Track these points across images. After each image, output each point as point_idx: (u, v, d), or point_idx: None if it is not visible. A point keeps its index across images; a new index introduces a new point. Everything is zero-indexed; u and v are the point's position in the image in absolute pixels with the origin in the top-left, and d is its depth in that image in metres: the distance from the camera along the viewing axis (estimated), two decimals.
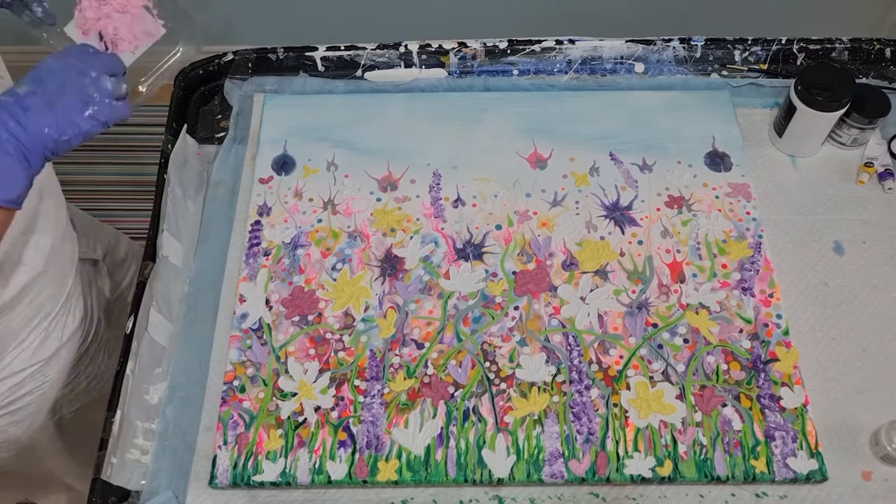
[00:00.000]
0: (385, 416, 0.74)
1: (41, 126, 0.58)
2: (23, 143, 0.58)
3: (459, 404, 0.74)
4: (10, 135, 0.58)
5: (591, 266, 0.83)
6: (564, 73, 0.97)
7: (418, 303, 0.80)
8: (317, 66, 0.99)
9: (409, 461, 0.72)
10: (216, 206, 0.89)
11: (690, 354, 0.77)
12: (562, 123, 0.93)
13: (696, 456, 0.72)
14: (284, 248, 0.84)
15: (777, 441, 0.72)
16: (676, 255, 0.83)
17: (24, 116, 0.58)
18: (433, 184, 0.89)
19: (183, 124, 0.95)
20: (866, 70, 0.97)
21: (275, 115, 0.94)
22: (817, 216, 0.87)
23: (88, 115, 0.61)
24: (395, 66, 0.98)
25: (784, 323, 0.79)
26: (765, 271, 0.82)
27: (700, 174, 0.89)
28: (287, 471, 0.71)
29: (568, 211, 0.87)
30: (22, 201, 0.59)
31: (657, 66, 0.97)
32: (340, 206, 0.87)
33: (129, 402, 0.76)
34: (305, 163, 0.91)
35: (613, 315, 0.79)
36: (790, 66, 0.97)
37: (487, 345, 0.78)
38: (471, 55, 0.97)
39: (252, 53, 0.98)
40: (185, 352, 0.80)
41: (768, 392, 0.75)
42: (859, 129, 0.89)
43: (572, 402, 0.74)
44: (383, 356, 0.77)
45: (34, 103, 0.59)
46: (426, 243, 0.84)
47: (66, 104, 0.60)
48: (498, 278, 0.82)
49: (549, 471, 0.71)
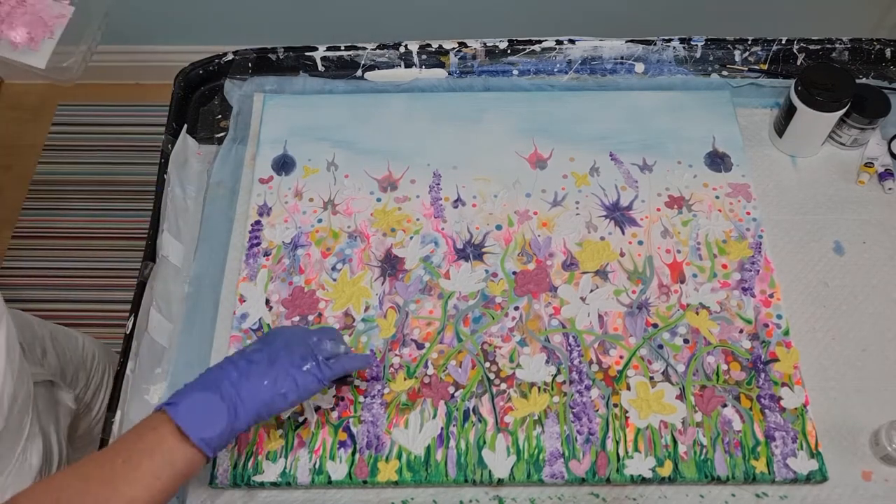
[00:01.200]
0: (385, 416, 0.74)
1: (261, 378, 0.63)
2: (240, 394, 0.62)
3: (459, 404, 0.74)
4: (229, 384, 0.62)
5: (592, 266, 0.83)
6: (564, 73, 0.97)
7: (418, 303, 0.80)
8: (317, 66, 0.99)
9: (409, 461, 0.72)
10: (216, 206, 0.89)
11: (690, 355, 0.77)
12: (562, 123, 0.93)
13: (697, 456, 0.72)
14: (284, 248, 0.84)
15: (777, 441, 0.72)
16: (677, 256, 0.83)
17: (248, 369, 0.63)
18: (433, 184, 0.89)
19: (183, 124, 0.95)
20: (866, 70, 0.97)
21: (275, 115, 0.94)
22: (817, 216, 0.87)
23: (306, 369, 0.65)
24: (395, 66, 0.98)
25: (784, 323, 0.79)
26: (765, 271, 0.82)
27: (700, 174, 0.89)
28: (287, 471, 0.71)
29: (568, 211, 0.87)
30: (214, 450, 0.61)
31: (657, 67, 0.97)
32: (340, 206, 0.87)
33: (129, 402, 0.76)
34: (305, 163, 0.91)
35: (614, 315, 0.79)
36: (790, 67, 0.97)
37: (487, 345, 0.78)
38: (471, 55, 0.97)
39: (252, 53, 0.98)
40: (185, 352, 0.80)
41: (768, 392, 0.75)
42: (859, 130, 0.89)
43: (572, 402, 0.74)
44: (383, 356, 0.77)
45: (258, 359, 0.64)
46: (426, 243, 0.84)
47: (285, 360, 0.64)
48: (498, 278, 0.82)
49: (549, 471, 0.71)
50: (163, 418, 0.60)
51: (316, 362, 0.65)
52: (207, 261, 0.85)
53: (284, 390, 0.63)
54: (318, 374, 0.65)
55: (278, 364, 0.64)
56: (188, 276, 0.85)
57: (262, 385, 0.62)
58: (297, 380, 0.64)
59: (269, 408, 0.63)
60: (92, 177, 1.82)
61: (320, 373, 0.65)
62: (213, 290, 0.83)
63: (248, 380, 0.62)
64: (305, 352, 0.65)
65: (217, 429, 0.60)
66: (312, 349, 0.66)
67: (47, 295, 1.67)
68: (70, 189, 1.81)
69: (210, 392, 0.61)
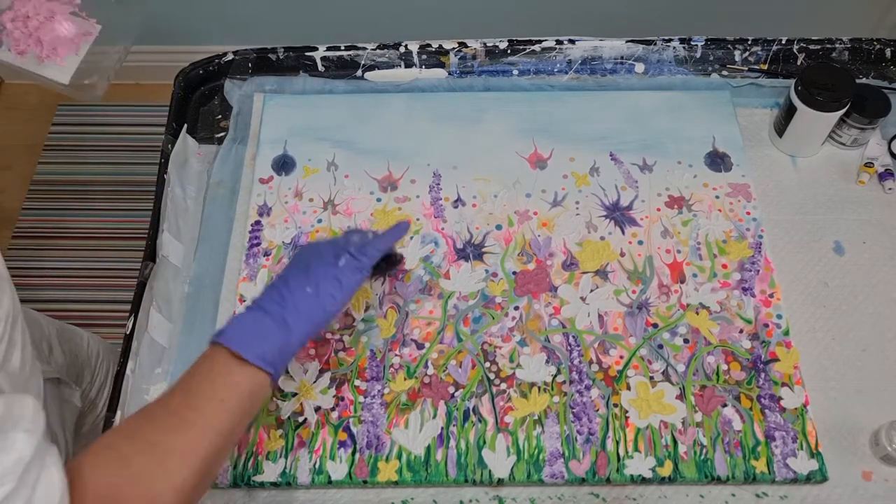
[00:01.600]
0: (385, 416, 0.74)
1: (303, 287, 0.63)
2: (285, 308, 0.62)
3: (459, 404, 0.74)
4: (272, 302, 0.62)
5: (592, 266, 0.83)
6: (564, 73, 0.97)
7: (418, 303, 0.80)
8: (317, 66, 0.99)
9: (409, 461, 0.72)
10: (216, 206, 0.90)
11: (691, 354, 0.77)
12: (562, 123, 0.93)
13: (697, 456, 0.72)
14: (284, 249, 0.84)
15: (777, 441, 0.72)
16: (677, 256, 0.83)
17: (286, 284, 0.63)
18: (433, 184, 0.89)
19: (183, 124, 0.95)
20: (866, 70, 0.97)
21: (275, 115, 0.94)
22: (817, 216, 0.87)
23: (342, 265, 0.65)
24: (395, 66, 0.98)
25: (784, 323, 0.79)
26: (765, 271, 0.82)
27: (700, 174, 0.89)
28: (287, 471, 0.71)
29: (568, 211, 0.87)
30: (272, 365, 0.60)
31: (657, 67, 0.97)
32: (340, 207, 0.87)
33: (129, 402, 0.76)
34: (305, 163, 0.91)
35: (614, 315, 0.79)
36: (790, 66, 0.97)
37: (487, 345, 0.78)
38: (471, 55, 0.97)
39: (252, 53, 0.98)
40: (185, 352, 0.80)
41: (768, 392, 0.75)
42: (859, 130, 0.89)
43: (572, 402, 0.74)
44: (383, 356, 0.77)
45: (293, 273, 0.64)
46: (426, 243, 0.84)
47: (319, 264, 0.64)
48: (498, 278, 0.82)
49: (549, 471, 0.71)
50: (215, 348, 0.60)
51: (350, 254, 0.65)
52: (207, 261, 0.85)
53: (330, 291, 0.63)
54: (355, 263, 0.65)
55: (313, 270, 0.64)
56: (188, 276, 0.85)
57: (305, 293, 0.62)
58: (338, 277, 0.64)
59: (321, 312, 0.63)
60: (92, 177, 1.82)
61: (357, 262, 0.65)
62: (213, 290, 0.83)
63: (291, 293, 0.62)
64: (337, 250, 0.65)
65: (270, 343, 0.60)
66: (343, 246, 0.66)
67: (47, 295, 1.67)
68: (70, 189, 1.81)
69: (255, 312, 0.61)
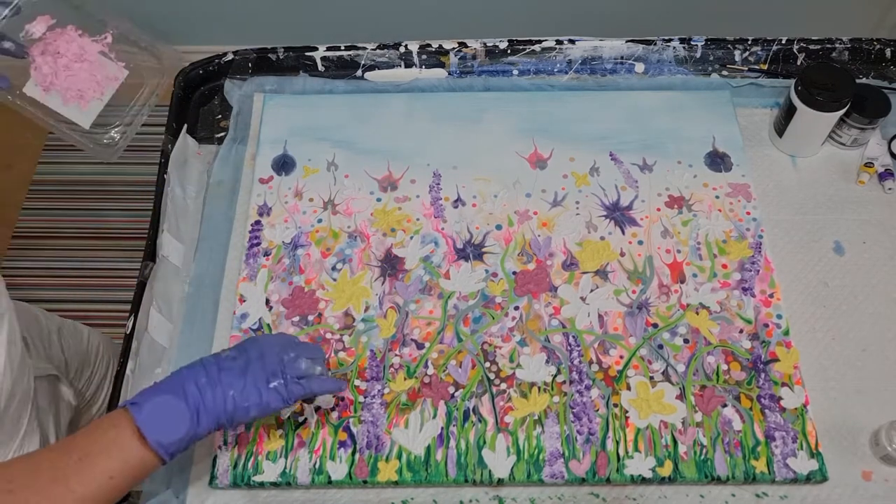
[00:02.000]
0: (385, 416, 0.74)
1: (229, 388, 0.62)
2: (205, 402, 0.61)
3: (459, 404, 0.74)
4: (196, 389, 0.61)
5: (592, 266, 0.83)
6: (564, 73, 0.97)
7: (418, 303, 0.80)
8: (317, 66, 0.99)
9: (409, 461, 0.72)
10: (216, 206, 0.89)
11: (691, 354, 0.77)
12: (562, 123, 0.93)
13: (697, 456, 0.72)
14: (284, 248, 0.84)
15: (777, 441, 0.72)
16: (677, 256, 0.83)
17: (218, 376, 0.62)
18: (433, 184, 0.89)
19: (183, 124, 0.95)
20: (866, 70, 0.97)
21: (275, 115, 0.94)
22: (817, 216, 0.87)
23: (272, 386, 0.63)
24: (395, 66, 0.98)
25: (784, 323, 0.79)
26: (765, 271, 0.82)
27: (700, 174, 0.89)
28: (287, 471, 0.71)
29: (568, 211, 0.87)
30: (171, 456, 0.60)
31: (657, 66, 0.97)
32: (340, 206, 0.87)
33: None
34: (305, 163, 0.90)
35: (614, 315, 0.79)
36: (790, 66, 0.97)
37: (487, 345, 0.78)
38: (471, 55, 0.97)
39: (252, 53, 0.98)
40: (185, 352, 0.80)
41: (768, 392, 0.75)
42: (859, 130, 0.89)
43: (572, 402, 0.74)
44: (383, 356, 0.77)
45: (231, 366, 0.63)
46: (426, 243, 0.84)
47: (256, 372, 0.63)
48: (498, 278, 0.82)
49: (549, 471, 0.71)
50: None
51: (284, 380, 0.64)
52: (207, 261, 0.85)
53: (247, 404, 0.62)
54: (283, 392, 0.63)
55: (248, 375, 0.63)
56: (188, 276, 0.85)
57: (228, 395, 0.61)
58: (262, 394, 0.63)
59: (230, 418, 0.62)
60: (92, 177, 1.82)
61: (286, 392, 0.64)
62: (213, 290, 0.83)
63: (216, 388, 0.61)
64: (277, 367, 0.64)
65: (177, 435, 0.59)
66: (285, 365, 0.64)
67: (47, 295, 1.67)
68: (70, 189, 1.81)
69: (176, 396, 0.60)
